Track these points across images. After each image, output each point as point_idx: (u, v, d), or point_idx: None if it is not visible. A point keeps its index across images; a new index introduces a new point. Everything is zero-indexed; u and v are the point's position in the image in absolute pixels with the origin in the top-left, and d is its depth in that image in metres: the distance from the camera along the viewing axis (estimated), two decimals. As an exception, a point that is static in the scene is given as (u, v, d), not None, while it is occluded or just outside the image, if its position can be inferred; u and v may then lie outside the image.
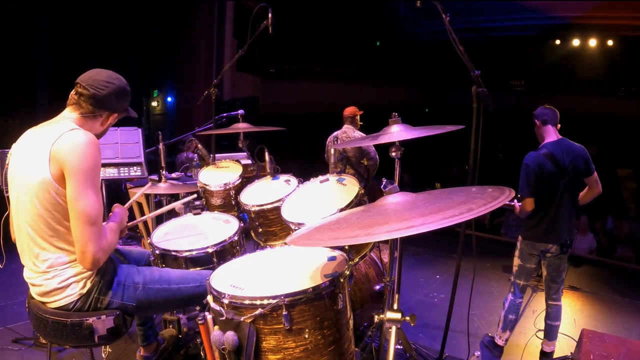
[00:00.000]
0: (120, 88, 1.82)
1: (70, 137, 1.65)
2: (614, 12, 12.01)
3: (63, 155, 1.62)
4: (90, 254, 1.63)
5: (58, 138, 1.65)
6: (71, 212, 1.63)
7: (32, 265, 1.74)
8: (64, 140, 1.64)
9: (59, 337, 1.78)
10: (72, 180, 1.62)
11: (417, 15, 15.84)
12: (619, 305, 4.17)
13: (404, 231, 1.13)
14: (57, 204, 1.65)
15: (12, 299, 3.60)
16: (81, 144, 1.64)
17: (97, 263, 1.67)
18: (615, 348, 2.12)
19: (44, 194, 1.64)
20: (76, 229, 1.63)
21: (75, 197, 1.61)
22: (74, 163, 1.61)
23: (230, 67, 8.69)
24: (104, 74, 1.80)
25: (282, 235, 2.50)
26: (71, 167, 1.61)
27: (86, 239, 1.62)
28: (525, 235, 2.99)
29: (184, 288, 1.97)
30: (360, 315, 2.66)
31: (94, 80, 1.76)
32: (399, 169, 2.13)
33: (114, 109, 1.83)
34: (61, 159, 1.62)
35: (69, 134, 1.66)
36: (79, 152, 1.63)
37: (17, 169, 1.73)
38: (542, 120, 2.92)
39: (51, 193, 1.64)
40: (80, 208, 1.61)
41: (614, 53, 13.12)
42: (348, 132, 4.61)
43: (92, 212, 1.63)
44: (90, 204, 1.63)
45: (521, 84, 15.50)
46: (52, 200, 1.65)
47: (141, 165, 3.98)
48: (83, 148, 1.64)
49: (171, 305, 2.18)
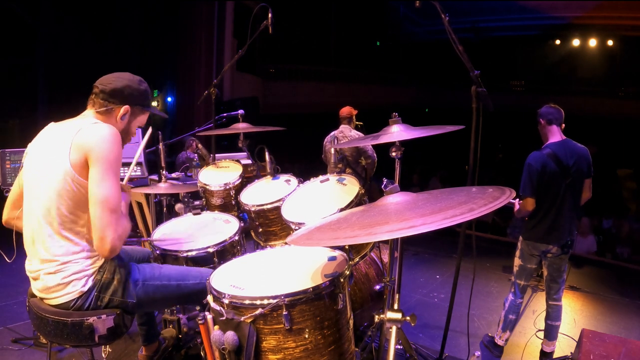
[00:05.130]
0: (130, 81, 1.88)
1: (94, 128, 1.72)
2: (614, 12, 12.02)
3: (89, 144, 1.67)
4: (109, 239, 1.64)
5: (80, 130, 1.71)
6: (91, 197, 1.65)
7: (35, 252, 1.75)
8: (88, 131, 1.70)
9: (59, 337, 1.78)
10: (95, 166, 1.66)
11: (417, 15, 15.85)
12: (619, 305, 4.17)
13: (404, 231, 1.13)
14: (72, 191, 1.68)
15: (12, 299, 3.60)
16: (106, 134, 1.71)
17: (115, 250, 1.68)
18: (615, 348, 2.12)
19: (60, 184, 1.68)
20: (96, 214, 1.64)
21: (98, 183, 1.65)
22: (100, 150, 1.67)
23: (230, 67, 8.68)
24: (116, 74, 1.89)
25: (282, 235, 2.50)
26: (96, 153, 1.66)
27: (105, 224, 1.63)
28: (526, 235, 2.99)
29: (183, 285, 1.97)
30: (360, 315, 2.66)
31: (105, 79, 1.86)
32: (399, 169, 2.13)
33: (124, 101, 1.87)
34: (86, 147, 1.67)
35: (92, 126, 1.73)
36: (105, 141, 1.69)
37: (35, 159, 1.77)
38: (547, 120, 2.90)
39: (68, 181, 1.67)
40: (101, 193, 1.64)
41: (614, 53, 13.13)
42: (345, 132, 4.63)
43: (112, 199, 1.65)
44: (112, 191, 1.66)
45: (521, 84, 15.51)
46: (69, 188, 1.68)
47: (141, 165, 3.99)
48: (108, 138, 1.70)
49: (171, 301, 2.18)
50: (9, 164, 3.58)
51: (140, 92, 1.92)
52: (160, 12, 9.34)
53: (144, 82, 1.96)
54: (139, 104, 1.93)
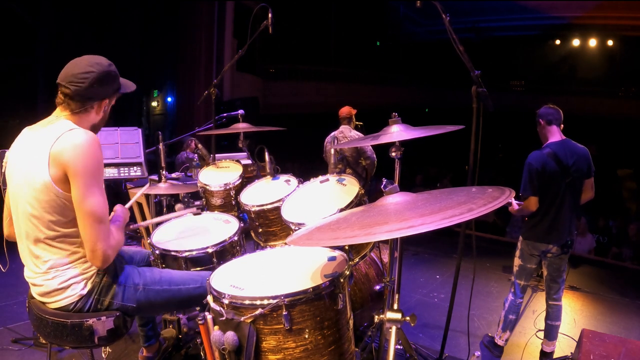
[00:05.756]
0: (101, 74, 1.72)
1: (70, 138, 1.63)
2: (614, 12, 12.03)
3: (65, 157, 1.60)
4: (101, 252, 1.63)
5: (57, 139, 1.62)
6: (78, 212, 1.62)
7: (33, 265, 1.73)
8: (64, 142, 1.62)
9: (59, 338, 1.77)
10: (76, 181, 1.61)
11: (417, 15, 15.85)
12: (619, 305, 4.17)
13: (404, 231, 1.13)
14: (57, 205, 1.64)
15: (12, 299, 3.60)
16: (82, 144, 1.62)
17: (107, 260, 1.67)
18: (615, 348, 2.12)
19: (44, 196, 1.63)
20: (85, 229, 1.62)
21: (82, 198, 1.61)
22: (77, 164, 1.60)
23: (230, 67, 8.69)
24: (82, 64, 1.71)
25: (282, 236, 2.50)
26: (74, 168, 1.60)
27: (95, 237, 1.62)
28: (526, 235, 2.99)
29: (184, 289, 1.96)
30: (360, 315, 2.66)
31: (72, 76, 1.69)
32: (399, 169, 2.13)
33: (102, 96, 1.77)
34: (63, 161, 1.60)
35: (68, 135, 1.63)
36: (81, 153, 1.61)
37: (16, 170, 1.71)
38: (547, 120, 2.91)
39: (51, 195, 1.63)
40: (87, 208, 1.61)
41: (614, 53, 13.14)
42: (345, 132, 4.64)
43: (99, 211, 1.63)
44: (97, 203, 1.63)
45: (521, 84, 15.52)
46: (52, 202, 1.64)
47: (141, 165, 3.98)
48: (85, 148, 1.61)
49: (171, 306, 2.17)
50: (8, 164, 3.57)
51: (112, 77, 1.78)
52: (160, 12, 9.34)
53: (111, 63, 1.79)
54: (114, 89, 1.82)
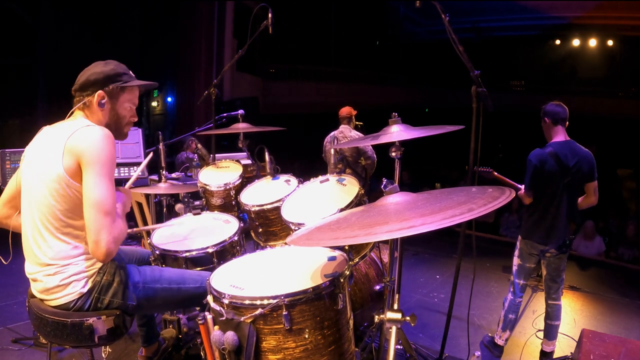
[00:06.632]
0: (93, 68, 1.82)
1: (87, 131, 1.69)
2: (614, 12, 12.02)
3: (80, 148, 1.65)
4: (104, 243, 1.60)
5: (73, 133, 1.68)
6: (85, 201, 1.63)
7: (35, 256, 1.74)
8: (81, 134, 1.68)
9: (59, 337, 1.77)
10: (88, 169, 1.64)
11: (417, 15, 15.85)
12: (619, 305, 4.17)
13: (404, 231, 1.13)
14: (67, 196, 1.67)
15: (12, 299, 3.60)
16: (98, 137, 1.68)
17: (110, 254, 1.64)
18: (615, 348, 2.12)
19: (55, 184, 1.67)
20: (90, 218, 1.62)
21: (91, 186, 1.63)
22: (91, 154, 1.64)
23: (230, 67, 8.68)
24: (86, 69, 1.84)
25: (282, 235, 2.50)
26: (88, 157, 1.64)
27: (99, 227, 1.60)
28: (525, 235, 3.00)
29: (184, 288, 1.96)
30: (360, 315, 2.66)
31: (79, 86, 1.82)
32: (399, 169, 2.12)
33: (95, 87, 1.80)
34: (78, 151, 1.65)
35: (84, 129, 1.70)
36: (97, 144, 1.66)
37: (32, 161, 1.76)
38: (553, 120, 2.88)
39: (62, 185, 1.66)
40: (95, 196, 1.62)
41: (614, 53, 13.13)
42: (345, 132, 4.64)
43: (106, 201, 1.63)
44: (106, 193, 1.64)
45: (521, 84, 15.51)
46: (62, 191, 1.67)
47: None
48: (100, 141, 1.67)
49: (171, 305, 2.17)
50: (9, 164, 3.59)
51: (106, 73, 1.82)
52: (160, 12, 9.34)
53: (111, 61, 1.87)
54: (111, 83, 1.83)
